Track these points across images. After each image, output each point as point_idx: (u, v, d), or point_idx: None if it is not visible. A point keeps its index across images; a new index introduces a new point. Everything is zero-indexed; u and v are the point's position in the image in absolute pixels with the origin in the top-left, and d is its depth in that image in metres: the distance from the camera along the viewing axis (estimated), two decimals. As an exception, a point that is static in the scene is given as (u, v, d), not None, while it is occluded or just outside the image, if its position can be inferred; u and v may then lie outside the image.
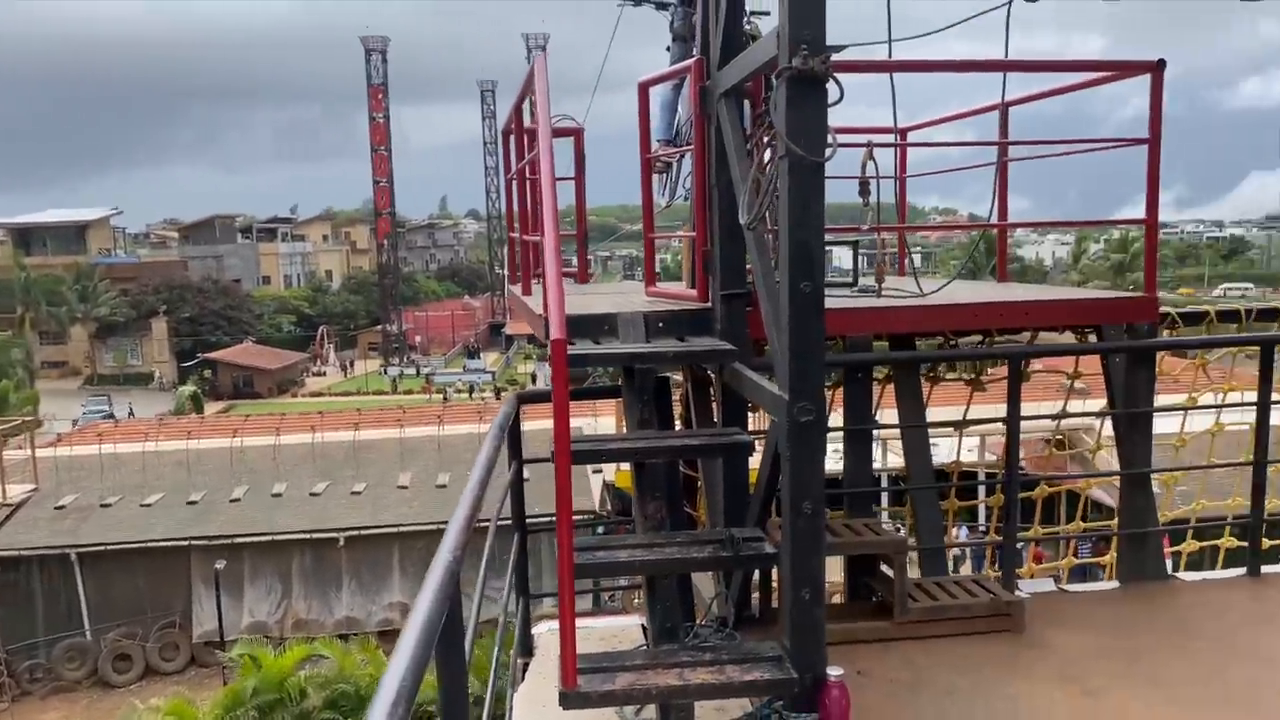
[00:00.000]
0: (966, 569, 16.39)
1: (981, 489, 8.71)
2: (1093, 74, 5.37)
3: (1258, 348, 5.46)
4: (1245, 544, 5.57)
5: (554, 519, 3.23)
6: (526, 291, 6.11)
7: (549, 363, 3.37)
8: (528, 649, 4.99)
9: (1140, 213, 5.39)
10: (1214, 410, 6.17)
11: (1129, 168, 5.22)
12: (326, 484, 23.14)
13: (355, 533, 21.43)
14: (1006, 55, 4.93)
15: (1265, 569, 5.46)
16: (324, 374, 72.93)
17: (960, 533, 16.68)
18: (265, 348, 70.09)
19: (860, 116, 5.56)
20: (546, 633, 4.97)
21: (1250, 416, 5.44)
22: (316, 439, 24.92)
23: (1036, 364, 6.62)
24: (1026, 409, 6.01)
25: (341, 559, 21.54)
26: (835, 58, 3.63)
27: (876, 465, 8.53)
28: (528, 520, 5.10)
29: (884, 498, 15.30)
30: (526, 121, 6.31)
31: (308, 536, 21.49)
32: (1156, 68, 4.96)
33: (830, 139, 3.51)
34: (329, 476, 23.48)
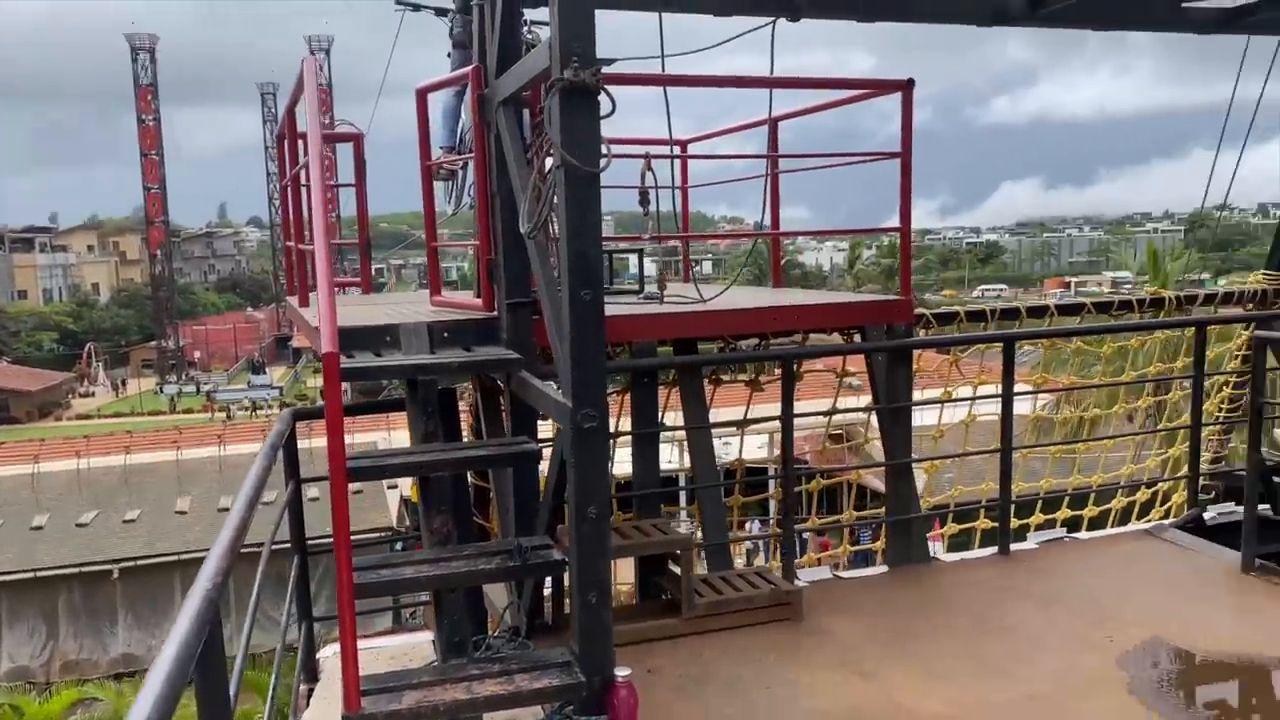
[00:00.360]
0: (760, 561, 17.03)
1: (772, 483, 9.04)
2: (851, 91, 5.72)
3: (1001, 344, 5.96)
4: (997, 525, 6.07)
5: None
6: (304, 303, 5.89)
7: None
8: (312, 674, 4.81)
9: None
10: (967, 402, 6.71)
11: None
12: (95, 513, 21.40)
13: (131, 563, 19.91)
14: (772, 72, 5.17)
15: (1014, 547, 5.98)
16: (93, 394, 67.53)
17: (753, 527, 17.31)
18: (23, 368, 64.25)
19: (654, 128, 5.69)
20: (332, 656, 4.80)
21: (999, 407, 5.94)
22: (82, 465, 23.01)
23: (818, 363, 6.98)
24: (807, 406, 6.33)
25: (116, 592, 19.98)
26: (608, 70, 3.71)
27: (674, 466, 8.73)
28: (312, 541, 4.91)
29: (682, 497, 15.67)
30: (300, 126, 6.09)
31: (75, 571, 19.79)
32: (906, 86, 5.34)
33: (605, 149, 3.59)
34: (98, 505, 21.73)
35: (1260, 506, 5.61)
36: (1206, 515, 6.38)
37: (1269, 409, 7.88)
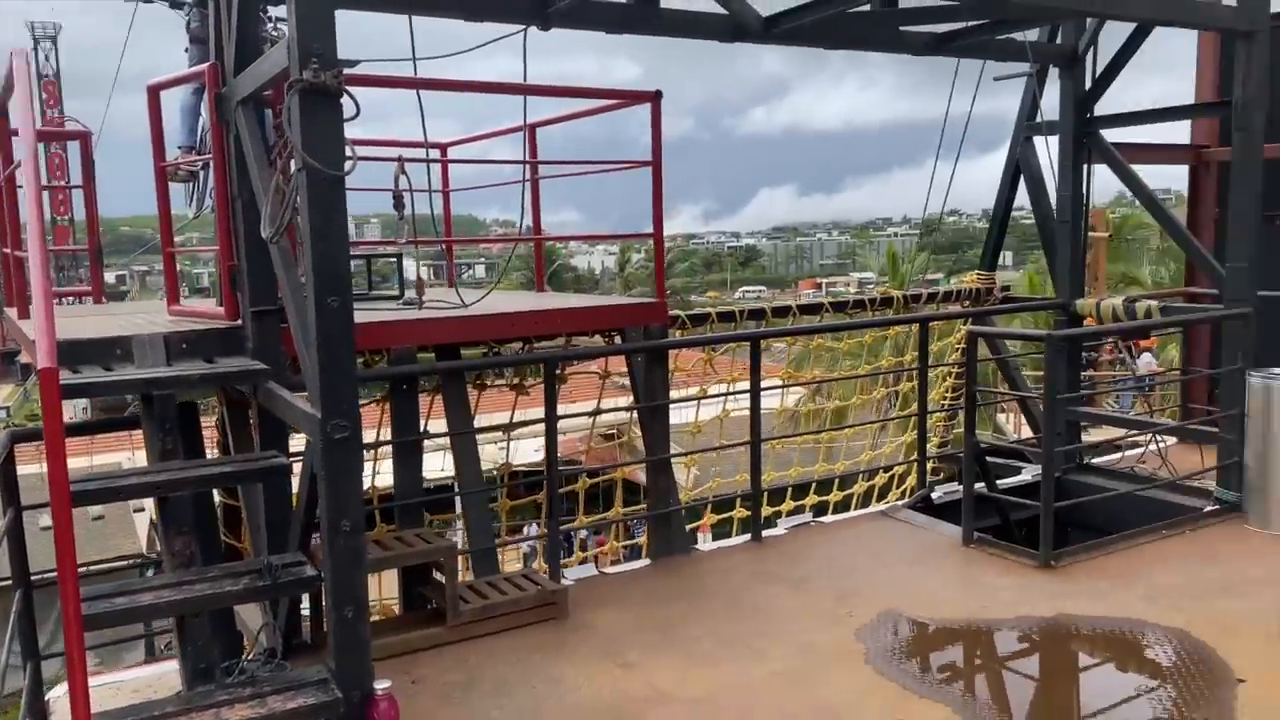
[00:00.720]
0: (540, 563, 17.06)
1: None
2: (603, 100, 5.88)
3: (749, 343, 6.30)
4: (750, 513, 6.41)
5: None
6: (23, 314, 5.40)
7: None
8: (41, 717, 4.42)
9: (672, 226, 6.01)
10: (721, 399, 7.05)
11: (669, 185, 5.83)
12: None
13: None
14: (525, 79, 5.23)
15: (766, 533, 6.33)
16: None
17: (531, 529, 17.36)
18: None
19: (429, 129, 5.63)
20: (64, 696, 4.43)
21: (765, 402, 6.25)
22: None
23: (593, 364, 7.12)
24: (582, 407, 6.47)
25: None
26: (352, 71, 3.65)
27: (449, 474, 8.63)
28: (39, 575, 4.51)
29: (458, 503, 15.48)
30: (14, 123, 5.58)
31: None
32: (654, 98, 5.55)
33: (350, 152, 3.52)
34: None
35: (978, 485, 6.23)
36: (934, 495, 7.00)
37: (986, 395, 8.74)
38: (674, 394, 6.43)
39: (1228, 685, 4.22)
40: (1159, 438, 7.79)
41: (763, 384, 6.18)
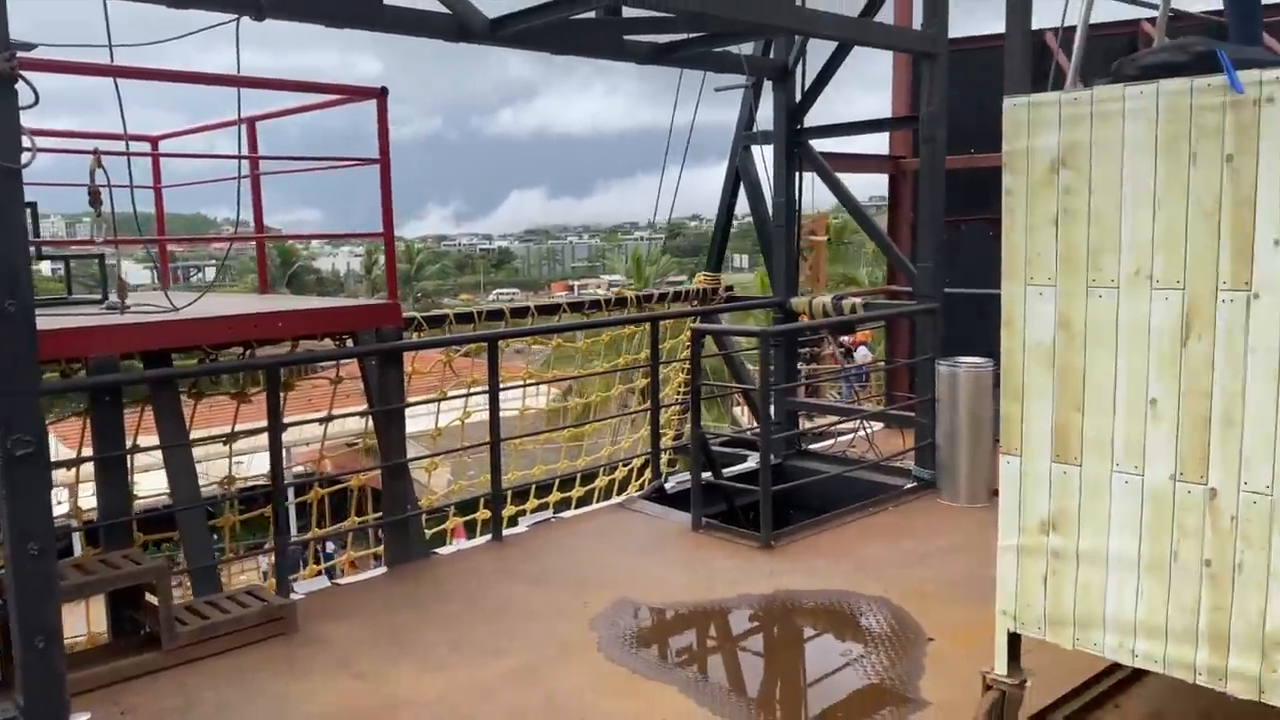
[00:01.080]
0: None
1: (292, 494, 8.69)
2: (326, 95, 5.71)
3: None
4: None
5: None
6: None
7: None
8: None
9: (422, 227, 5.92)
10: (462, 400, 7.01)
11: (418, 185, 5.72)
12: None
13: None
14: (239, 70, 4.99)
15: (507, 532, 6.37)
16: None
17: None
18: None
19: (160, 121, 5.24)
20: None
21: (510, 404, 6.27)
22: None
23: (336, 370, 6.84)
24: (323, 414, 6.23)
25: None
26: (29, 56, 3.37)
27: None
28: None
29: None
30: None
31: None
32: (380, 95, 5.45)
33: (29, 143, 3.26)
34: None
35: (705, 473, 6.55)
36: (667, 485, 7.30)
37: (711, 389, 9.19)
38: (416, 398, 6.33)
39: (920, 644, 4.69)
40: (866, 423, 8.51)
41: (501, 384, 6.21)
